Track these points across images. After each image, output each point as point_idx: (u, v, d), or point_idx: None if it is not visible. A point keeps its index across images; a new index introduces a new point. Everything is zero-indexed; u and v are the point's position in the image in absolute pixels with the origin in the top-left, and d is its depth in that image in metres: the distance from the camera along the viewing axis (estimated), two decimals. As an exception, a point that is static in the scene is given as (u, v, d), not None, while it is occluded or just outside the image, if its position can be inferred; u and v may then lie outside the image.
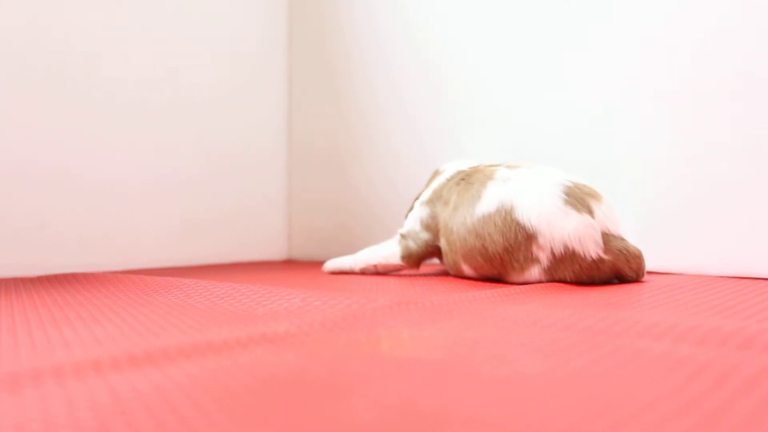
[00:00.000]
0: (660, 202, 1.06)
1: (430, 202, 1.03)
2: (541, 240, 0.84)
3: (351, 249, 1.49)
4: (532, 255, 0.86)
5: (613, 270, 0.84)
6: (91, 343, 0.48)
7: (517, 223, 0.86)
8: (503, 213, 0.88)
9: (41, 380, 0.37)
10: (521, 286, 0.79)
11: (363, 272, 1.09)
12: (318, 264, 1.41)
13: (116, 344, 0.47)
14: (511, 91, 1.25)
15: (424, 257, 1.04)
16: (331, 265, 1.13)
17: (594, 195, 0.87)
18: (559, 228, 0.83)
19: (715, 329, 0.49)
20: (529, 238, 0.85)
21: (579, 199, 0.85)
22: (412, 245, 1.03)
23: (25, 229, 1.13)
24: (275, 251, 1.59)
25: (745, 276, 0.97)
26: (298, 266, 1.35)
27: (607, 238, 0.84)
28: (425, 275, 1.07)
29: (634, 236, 1.09)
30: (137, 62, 1.31)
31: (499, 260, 0.89)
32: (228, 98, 1.48)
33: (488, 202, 0.91)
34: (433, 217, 1.01)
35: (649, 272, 1.04)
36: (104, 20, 1.25)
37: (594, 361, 0.40)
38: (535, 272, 0.86)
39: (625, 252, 0.85)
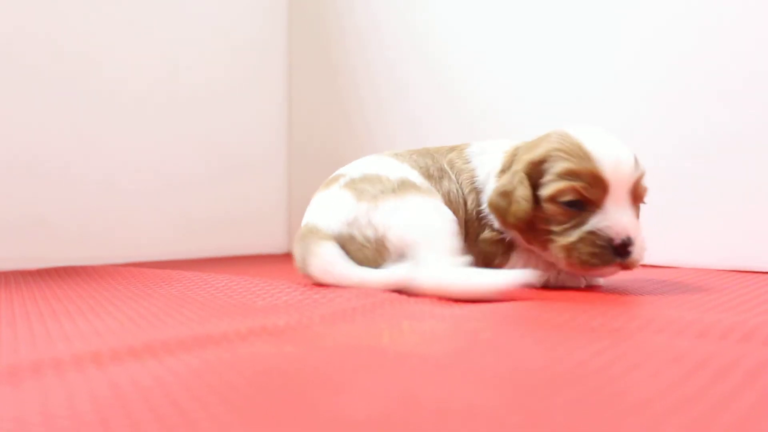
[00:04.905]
0: (659, 195, 1.06)
1: None
2: None
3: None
4: None
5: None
6: (91, 335, 0.48)
7: None
8: None
9: (41, 373, 0.37)
10: None
11: None
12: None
13: (116, 337, 0.47)
14: (512, 90, 1.24)
15: None
16: None
17: (335, 179, 0.80)
18: None
19: (714, 323, 0.49)
20: None
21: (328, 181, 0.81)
22: None
23: (26, 223, 1.13)
24: (275, 245, 1.58)
25: (744, 270, 0.97)
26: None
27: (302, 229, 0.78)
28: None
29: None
30: (137, 61, 1.30)
31: None
32: (228, 96, 1.48)
33: None
34: None
35: (648, 266, 1.04)
36: (104, 20, 1.24)
37: (593, 355, 0.40)
38: None
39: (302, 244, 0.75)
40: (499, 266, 0.77)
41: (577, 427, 0.28)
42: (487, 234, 0.78)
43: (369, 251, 0.72)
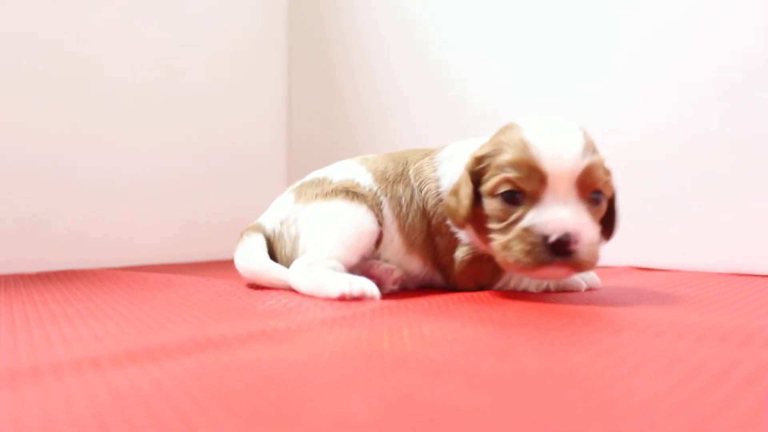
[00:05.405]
0: (659, 196, 1.06)
1: None
2: None
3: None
4: None
5: None
6: (90, 339, 0.48)
7: None
8: None
9: (40, 377, 0.37)
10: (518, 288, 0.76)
11: None
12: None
13: (115, 341, 0.47)
14: (512, 90, 1.24)
15: None
16: None
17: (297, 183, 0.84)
18: None
19: (715, 326, 0.49)
20: None
21: None
22: None
23: (25, 226, 1.13)
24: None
25: (744, 273, 0.97)
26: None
27: None
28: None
29: (629, 231, 1.08)
30: (137, 62, 1.30)
31: None
32: (228, 97, 1.48)
33: None
34: None
35: (648, 269, 1.04)
36: (104, 21, 1.24)
37: (593, 358, 0.40)
38: None
39: None
40: (491, 284, 0.73)
41: (576, 430, 0.28)
42: (460, 252, 0.73)
43: (288, 249, 0.76)
